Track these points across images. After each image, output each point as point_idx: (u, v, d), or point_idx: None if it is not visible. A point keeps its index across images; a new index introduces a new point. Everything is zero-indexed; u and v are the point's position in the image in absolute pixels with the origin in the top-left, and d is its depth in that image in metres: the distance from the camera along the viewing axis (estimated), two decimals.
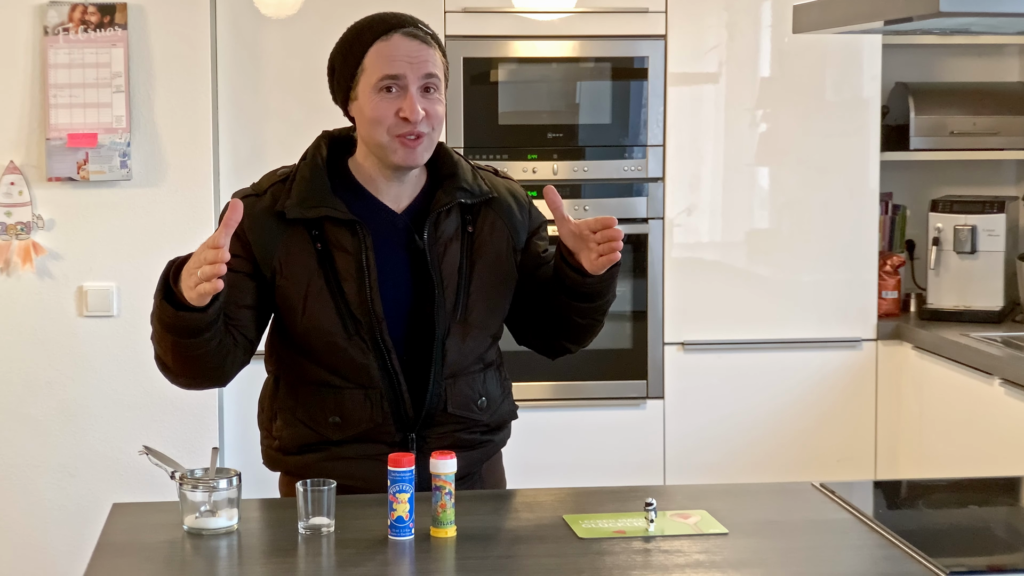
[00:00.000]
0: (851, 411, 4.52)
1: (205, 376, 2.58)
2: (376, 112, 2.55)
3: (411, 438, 2.59)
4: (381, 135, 2.55)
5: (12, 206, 4.13)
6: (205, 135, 4.19)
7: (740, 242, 4.49)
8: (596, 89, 4.44)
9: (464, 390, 2.62)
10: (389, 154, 2.57)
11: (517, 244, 2.68)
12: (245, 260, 2.57)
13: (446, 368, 2.60)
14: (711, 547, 2.29)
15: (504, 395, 2.72)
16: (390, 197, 2.62)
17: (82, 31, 4.10)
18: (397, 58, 2.54)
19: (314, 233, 2.57)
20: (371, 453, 2.56)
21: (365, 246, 2.56)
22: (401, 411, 2.58)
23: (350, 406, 2.58)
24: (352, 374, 2.57)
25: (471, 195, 2.64)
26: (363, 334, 2.56)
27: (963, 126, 4.68)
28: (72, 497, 4.20)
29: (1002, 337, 4.21)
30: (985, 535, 2.51)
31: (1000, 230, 4.55)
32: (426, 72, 2.56)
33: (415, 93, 2.54)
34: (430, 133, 2.58)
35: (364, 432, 2.58)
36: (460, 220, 2.64)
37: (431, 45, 2.59)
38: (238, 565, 2.24)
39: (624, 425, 4.45)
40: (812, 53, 4.46)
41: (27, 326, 4.18)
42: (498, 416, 2.69)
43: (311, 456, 2.60)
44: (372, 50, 2.56)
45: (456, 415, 2.61)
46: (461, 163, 2.68)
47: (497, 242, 2.65)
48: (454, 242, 2.62)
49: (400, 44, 2.55)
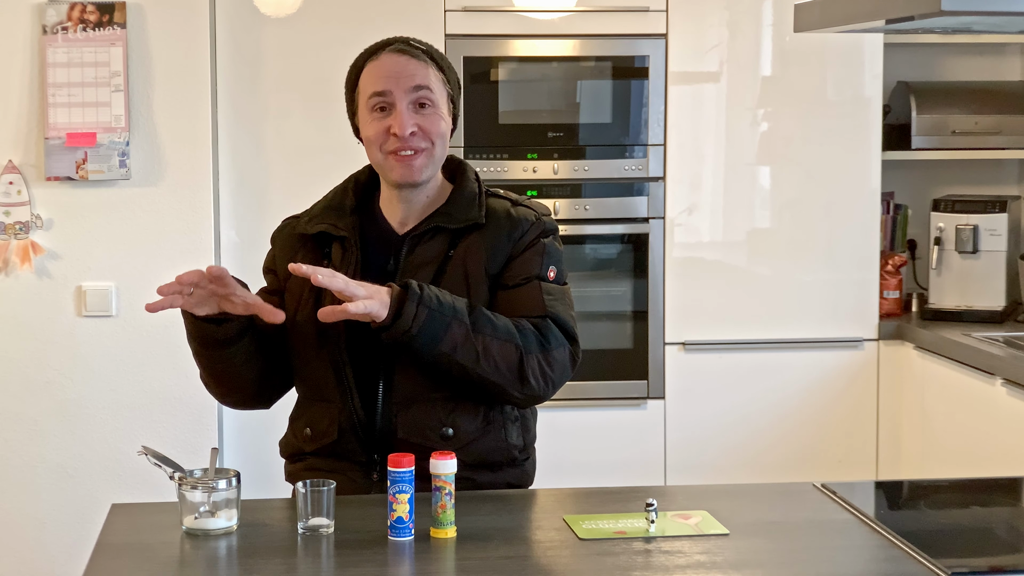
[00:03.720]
0: (852, 411, 4.51)
1: (240, 392, 2.68)
2: (369, 131, 2.60)
3: (376, 458, 2.57)
4: (376, 154, 2.59)
5: (11, 205, 4.12)
6: (204, 134, 4.18)
7: (741, 242, 4.48)
8: (597, 88, 4.43)
9: (420, 418, 2.55)
10: (388, 172, 2.59)
11: (490, 268, 2.60)
12: (275, 278, 2.70)
13: (395, 392, 2.56)
14: (712, 548, 2.29)
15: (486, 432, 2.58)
16: (397, 218, 2.64)
17: (81, 30, 4.09)
18: (383, 75, 2.57)
19: (325, 250, 2.64)
20: (340, 469, 2.58)
21: (350, 262, 2.59)
22: (357, 429, 2.58)
23: (315, 419, 2.62)
24: (316, 387, 2.62)
25: (451, 220, 2.60)
26: (327, 348, 2.58)
27: (965, 125, 4.67)
28: (71, 497, 4.19)
29: (1004, 337, 4.20)
30: (987, 536, 2.50)
31: (1002, 230, 4.55)
32: (414, 85, 2.56)
33: (404, 109, 2.56)
34: (428, 149, 2.57)
35: (330, 446, 2.60)
36: (447, 244, 2.61)
37: (421, 60, 2.59)
38: (237, 566, 2.24)
39: (625, 425, 4.44)
40: (813, 52, 4.46)
41: (26, 326, 4.17)
42: (479, 454, 2.58)
43: (297, 464, 2.66)
44: (364, 72, 2.61)
45: (411, 442, 2.52)
46: (465, 188, 2.65)
47: (466, 265, 2.59)
48: (429, 266, 2.58)
49: (386, 61, 2.59)
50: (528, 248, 2.61)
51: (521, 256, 2.61)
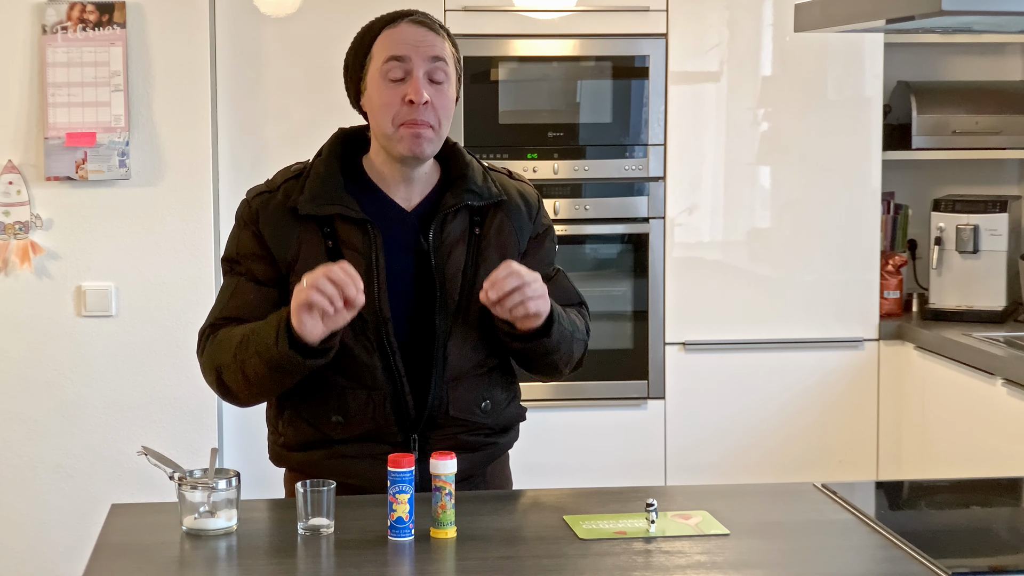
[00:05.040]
0: (853, 411, 4.51)
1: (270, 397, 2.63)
2: (383, 99, 2.54)
3: (413, 439, 2.58)
4: (387, 124, 2.53)
5: (10, 205, 4.12)
6: (204, 134, 4.18)
7: (741, 242, 4.48)
8: (597, 88, 4.43)
9: (467, 394, 2.60)
10: (395, 143, 2.54)
11: (520, 247, 2.66)
12: (268, 264, 2.57)
13: (448, 371, 2.58)
14: (712, 548, 2.28)
15: (510, 398, 2.70)
16: (401, 195, 2.61)
17: (80, 30, 4.09)
18: (403, 41, 2.55)
19: (326, 230, 2.56)
20: (373, 452, 2.54)
21: (375, 246, 2.55)
22: (404, 413, 2.56)
23: (353, 406, 2.56)
24: (356, 374, 2.56)
25: (479, 197, 2.61)
26: (369, 334, 2.54)
27: (965, 125, 4.67)
28: (70, 498, 4.19)
29: (1004, 337, 4.20)
30: (988, 536, 2.50)
31: (1002, 229, 4.55)
32: (432, 55, 2.55)
33: (420, 77, 2.53)
34: (437, 126, 2.56)
35: (366, 432, 2.57)
36: (468, 222, 2.61)
37: (439, 33, 2.59)
38: (237, 566, 2.23)
39: (625, 425, 4.44)
40: (814, 52, 4.46)
41: (25, 326, 4.17)
42: (503, 419, 2.67)
43: (315, 453, 2.58)
44: (380, 38, 2.57)
45: (458, 418, 2.60)
46: (473, 164, 2.65)
47: (503, 244, 2.63)
48: (460, 244, 2.60)
49: (406, 29, 2.56)
50: (544, 233, 2.70)
51: (542, 244, 2.70)
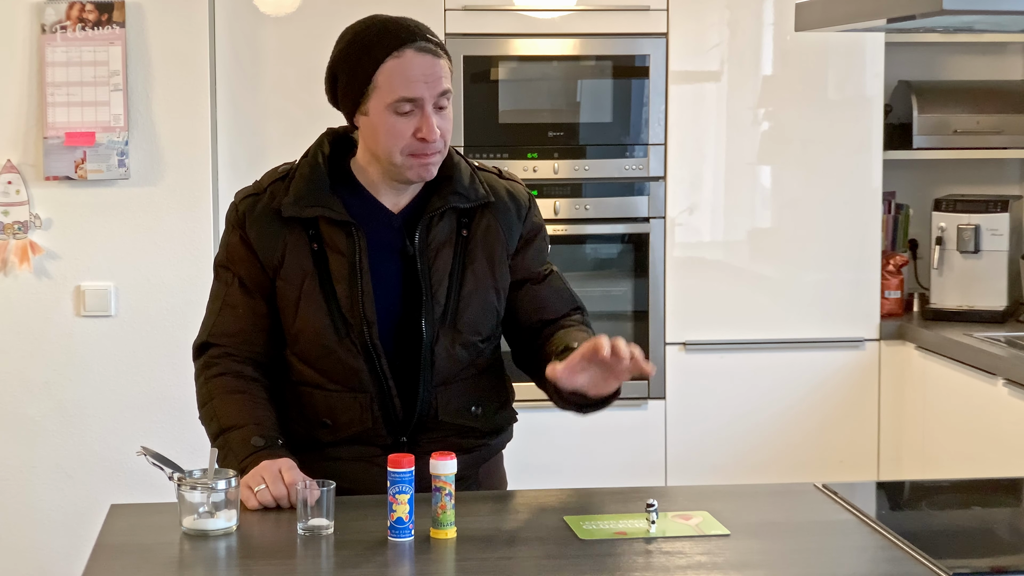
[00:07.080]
0: (854, 412, 4.50)
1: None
2: (392, 132, 2.49)
3: (403, 441, 2.57)
4: (394, 153, 2.50)
5: (9, 205, 4.12)
6: (203, 134, 4.18)
7: (742, 241, 4.47)
8: (597, 87, 4.42)
9: (457, 398, 2.60)
10: (403, 171, 2.52)
11: (509, 248, 2.64)
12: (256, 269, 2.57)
13: (435, 374, 2.57)
14: (713, 548, 2.28)
15: (503, 401, 2.69)
16: (388, 198, 2.60)
17: (80, 29, 4.08)
18: (414, 79, 2.47)
19: (311, 233, 2.55)
20: (363, 455, 2.56)
21: (359, 248, 2.54)
22: (392, 416, 2.56)
23: (340, 409, 2.56)
24: (342, 377, 2.56)
25: (466, 199, 2.60)
26: (353, 337, 2.54)
27: (966, 125, 4.67)
28: (70, 498, 4.18)
29: (1006, 337, 4.19)
30: (988, 536, 2.50)
31: (1004, 229, 4.54)
32: (441, 90, 2.50)
33: (431, 112, 2.49)
34: (443, 148, 2.54)
35: (355, 435, 2.57)
36: (456, 224, 2.60)
37: (442, 57, 2.52)
38: (237, 566, 2.23)
39: (625, 426, 4.43)
40: (814, 51, 4.45)
41: (24, 326, 4.16)
42: (494, 423, 2.67)
43: (306, 456, 2.58)
44: (385, 67, 2.48)
45: (448, 422, 2.59)
46: (460, 165, 2.63)
47: (490, 245, 2.61)
48: (447, 247, 2.58)
49: (414, 62, 2.48)
50: (536, 232, 2.68)
51: (533, 243, 2.67)
